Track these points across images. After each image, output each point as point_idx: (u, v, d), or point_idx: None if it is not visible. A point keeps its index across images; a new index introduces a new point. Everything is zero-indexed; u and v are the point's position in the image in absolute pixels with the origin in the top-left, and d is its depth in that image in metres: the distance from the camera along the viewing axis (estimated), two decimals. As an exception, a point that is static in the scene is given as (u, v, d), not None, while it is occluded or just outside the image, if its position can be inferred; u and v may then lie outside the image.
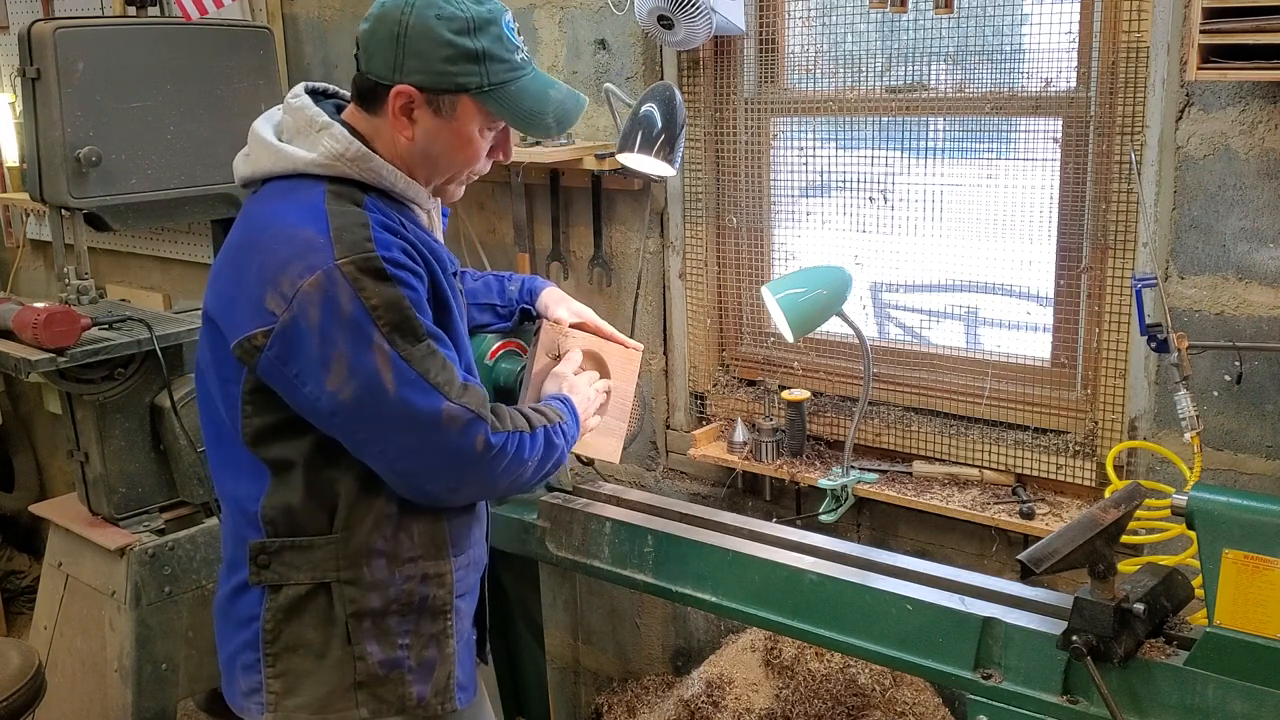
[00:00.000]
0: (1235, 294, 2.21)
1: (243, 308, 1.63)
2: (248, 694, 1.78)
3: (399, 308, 1.61)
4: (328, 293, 1.58)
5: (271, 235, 1.63)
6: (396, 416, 1.62)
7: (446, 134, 1.70)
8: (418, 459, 1.67)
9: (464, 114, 1.69)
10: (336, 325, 1.59)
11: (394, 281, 1.61)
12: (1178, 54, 2.17)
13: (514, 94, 1.69)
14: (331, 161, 1.67)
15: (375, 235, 1.62)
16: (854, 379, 2.78)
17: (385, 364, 1.60)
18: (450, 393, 1.65)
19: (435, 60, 1.64)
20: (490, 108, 1.69)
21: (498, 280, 2.19)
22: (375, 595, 1.75)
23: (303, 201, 1.65)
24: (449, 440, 1.66)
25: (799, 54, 2.77)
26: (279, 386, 1.65)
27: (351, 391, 1.60)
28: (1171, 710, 1.71)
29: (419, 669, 1.80)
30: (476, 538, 1.90)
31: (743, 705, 2.68)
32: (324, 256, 1.59)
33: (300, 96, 1.74)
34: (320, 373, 1.60)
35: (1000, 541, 2.56)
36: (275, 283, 1.59)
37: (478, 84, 1.66)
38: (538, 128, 1.73)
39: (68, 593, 2.93)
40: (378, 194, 1.70)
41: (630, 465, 3.16)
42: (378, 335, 1.60)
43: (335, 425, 1.65)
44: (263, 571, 1.74)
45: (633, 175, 2.80)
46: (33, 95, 2.71)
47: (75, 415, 2.84)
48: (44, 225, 4.32)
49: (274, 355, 1.61)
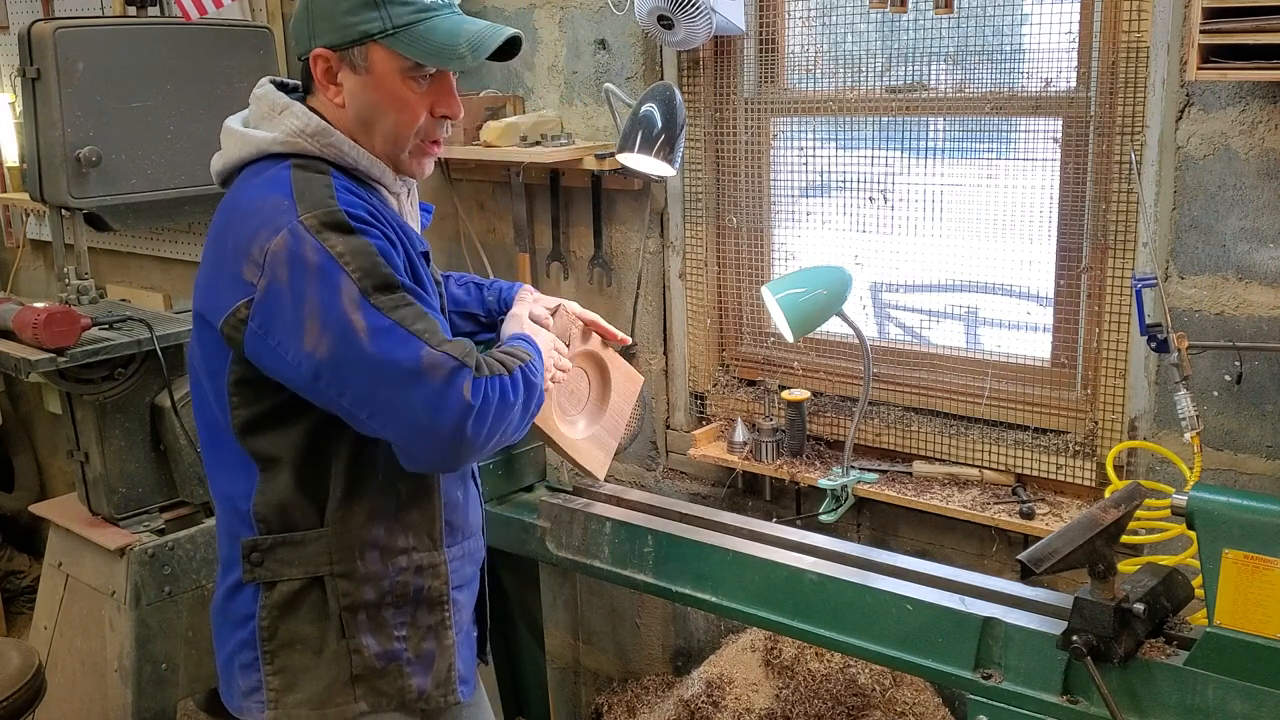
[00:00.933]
0: (1235, 294, 2.21)
1: (225, 286, 1.62)
2: (247, 693, 1.78)
3: (368, 254, 1.58)
4: (293, 250, 1.56)
5: (242, 212, 1.64)
6: (374, 368, 1.56)
7: (371, 90, 1.69)
8: (404, 416, 1.58)
9: (378, 63, 1.67)
10: (304, 279, 1.56)
11: (359, 233, 1.59)
12: (1178, 54, 2.17)
13: (422, 33, 1.67)
14: (292, 138, 1.67)
15: (339, 195, 1.62)
16: (854, 379, 2.78)
17: (355, 311, 1.55)
18: (430, 339, 1.58)
19: (338, 15, 1.65)
20: (399, 49, 1.66)
21: (477, 289, 2.14)
22: (369, 588, 1.75)
23: (269, 178, 1.65)
24: (432, 389, 1.57)
25: (799, 54, 2.77)
26: (266, 364, 1.62)
27: (327, 347, 1.56)
28: (1171, 710, 1.71)
29: (418, 661, 1.80)
30: (471, 529, 1.89)
31: (743, 705, 2.68)
32: (287, 216, 1.58)
33: (264, 86, 1.75)
34: (298, 332, 1.57)
35: (1000, 541, 2.56)
36: (248, 252, 1.59)
37: (380, 28, 1.65)
38: (451, 59, 1.67)
39: (68, 593, 2.93)
40: (344, 174, 1.70)
41: (630, 465, 3.16)
42: (347, 281, 1.56)
43: (320, 391, 1.60)
44: (256, 569, 1.73)
45: (633, 175, 2.80)
46: (33, 95, 2.71)
47: (75, 415, 2.84)
48: (44, 225, 4.32)
49: (256, 326, 1.59)
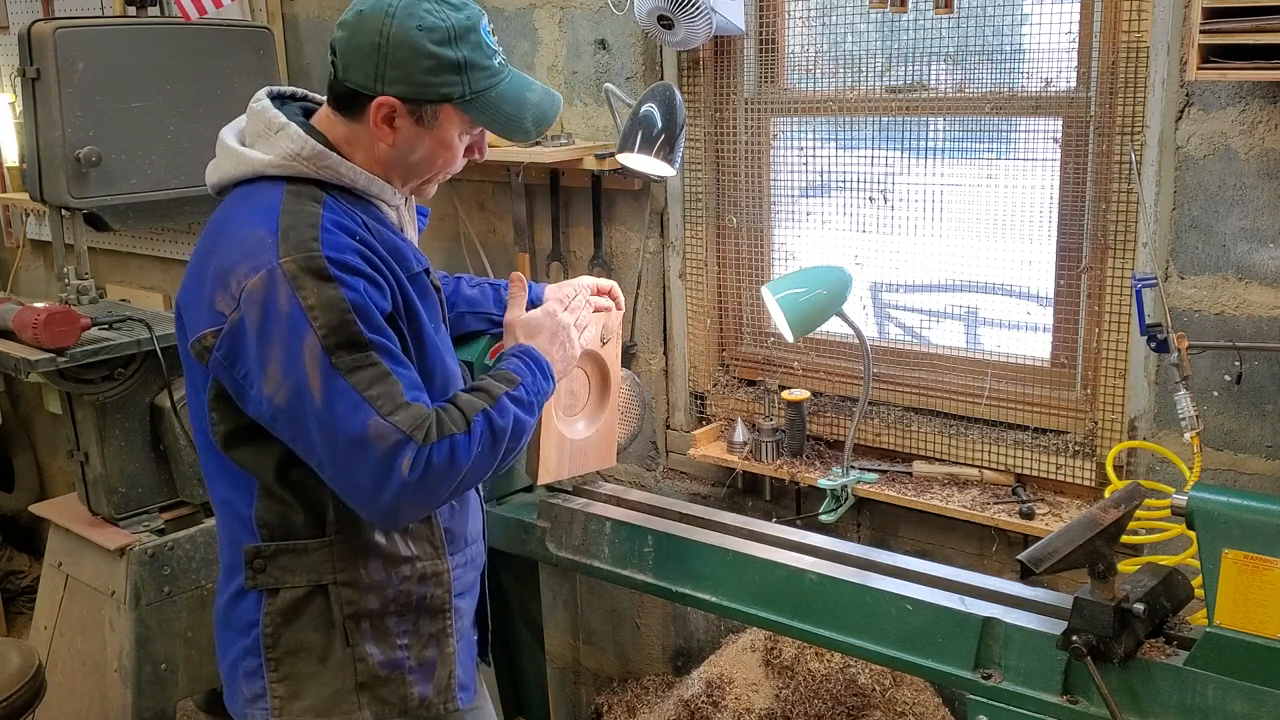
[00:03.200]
0: (1235, 294, 2.21)
1: (199, 309, 1.63)
2: (251, 700, 1.77)
3: (338, 310, 1.56)
4: (269, 291, 1.56)
5: (228, 238, 1.63)
6: (321, 427, 1.56)
7: (428, 141, 1.70)
8: (346, 476, 1.58)
9: (446, 122, 1.69)
10: (273, 324, 1.56)
11: (336, 283, 1.56)
12: (1178, 54, 2.17)
13: (494, 100, 1.69)
14: (288, 161, 1.66)
15: (324, 236, 1.59)
16: (854, 379, 2.78)
17: (314, 369, 1.54)
18: (381, 407, 1.55)
19: (418, 72, 1.63)
20: (472, 115, 1.68)
21: (493, 289, 2.15)
22: (373, 596, 1.75)
23: (260, 203, 1.64)
24: (373, 460, 1.55)
25: (799, 54, 2.77)
26: (231, 389, 1.63)
27: (284, 396, 1.56)
28: (1171, 710, 1.71)
29: (420, 669, 1.80)
30: (473, 535, 1.89)
31: (743, 705, 2.68)
32: (269, 256, 1.57)
33: (261, 100, 1.73)
34: (260, 375, 1.57)
35: (1000, 541, 2.56)
36: (225, 283, 1.59)
37: (460, 94, 1.66)
38: (517, 132, 1.72)
39: (68, 593, 2.93)
40: (340, 192, 1.69)
41: (630, 465, 3.16)
42: (311, 337, 1.55)
43: (278, 431, 1.61)
44: (259, 575, 1.73)
45: (633, 175, 2.80)
46: (33, 95, 2.71)
47: (75, 415, 2.84)
48: (44, 225, 4.32)
49: (222, 356, 1.60)
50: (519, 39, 3.08)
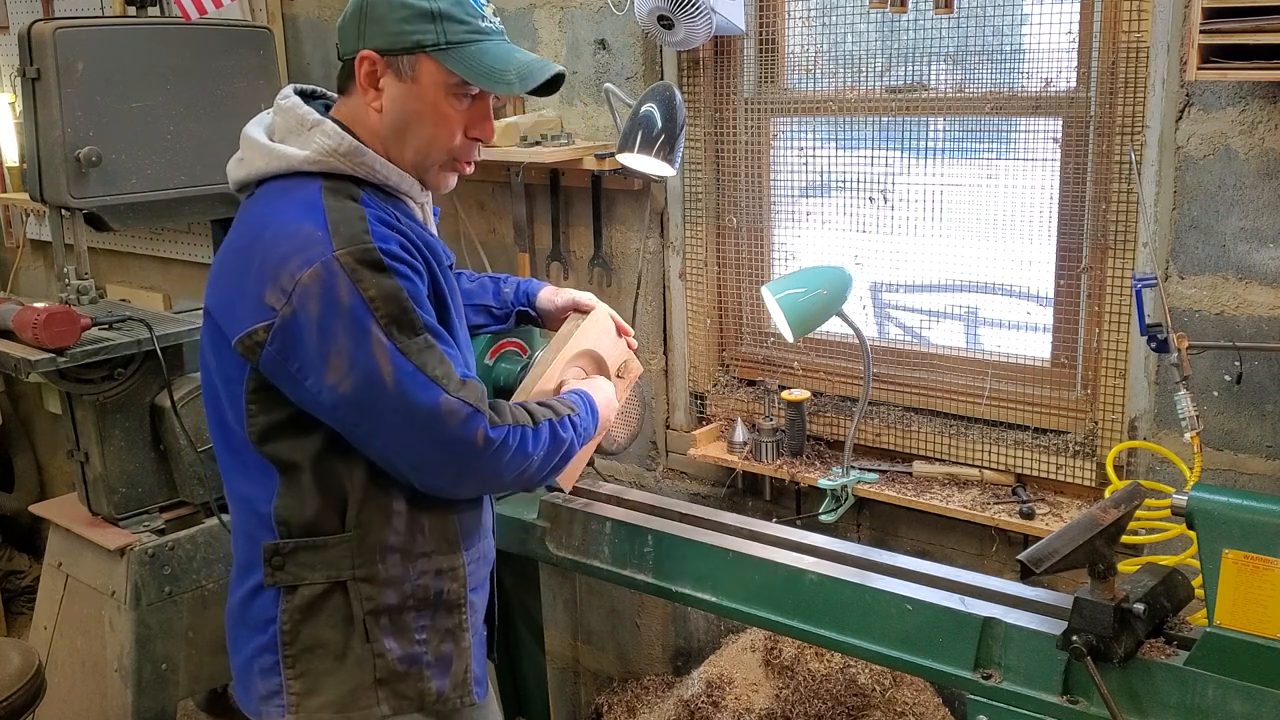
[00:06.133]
0: (1235, 294, 2.21)
1: (244, 305, 1.63)
2: (266, 697, 1.77)
3: (397, 299, 1.62)
4: (326, 285, 1.59)
5: (272, 233, 1.64)
6: (395, 409, 1.62)
7: (413, 100, 1.70)
8: (419, 453, 1.67)
9: (424, 75, 1.69)
10: (335, 317, 1.59)
11: (391, 273, 1.62)
12: (1178, 54, 2.17)
13: (473, 54, 1.69)
14: (325, 158, 1.68)
15: (373, 228, 1.64)
16: (854, 379, 2.78)
17: (383, 356, 1.60)
18: (449, 386, 1.64)
19: (392, 21, 1.66)
20: (449, 65, 1.68)
21: (493, 282, 2.19)
22: (391, 591, 1.75)
23: (300, 199, 1.66)
24: (448, 434, 1.65)
25: (799, 54, 2.77)
26: (281, 382, 1.65)
27: (351, 385, 1.61)
28: (1171, 710, 1.71)
29: (437, 664, 1.81)
30: (485, 530, 1.91)
31: (743, 705, 2.68)
32: (322, 249, 1.60)
33: (290, 97, 1.76)
34: (320, 366, 1.60)
35: (1000, 541, 2.56)
36: (275, 278, 1.60)
37: (433, 41, 1.67)
38: (499, 83, 1.70)
39: (68, 593, 2.93)
40: (372, 189, 1.72)
41: (630, 465, 3.16)
42: (375, 327, 1.60)
43: (337, 419, 1.66)
44: (277, 573, 1.73)
45: (633, 175, 2.80)
46: (33, 95, 2.71)
47: (75, 415, 2.84)
48: (44, 225, 4.32)
49: (275, 350, 1.61)
50: (519, 39, 3.08)
